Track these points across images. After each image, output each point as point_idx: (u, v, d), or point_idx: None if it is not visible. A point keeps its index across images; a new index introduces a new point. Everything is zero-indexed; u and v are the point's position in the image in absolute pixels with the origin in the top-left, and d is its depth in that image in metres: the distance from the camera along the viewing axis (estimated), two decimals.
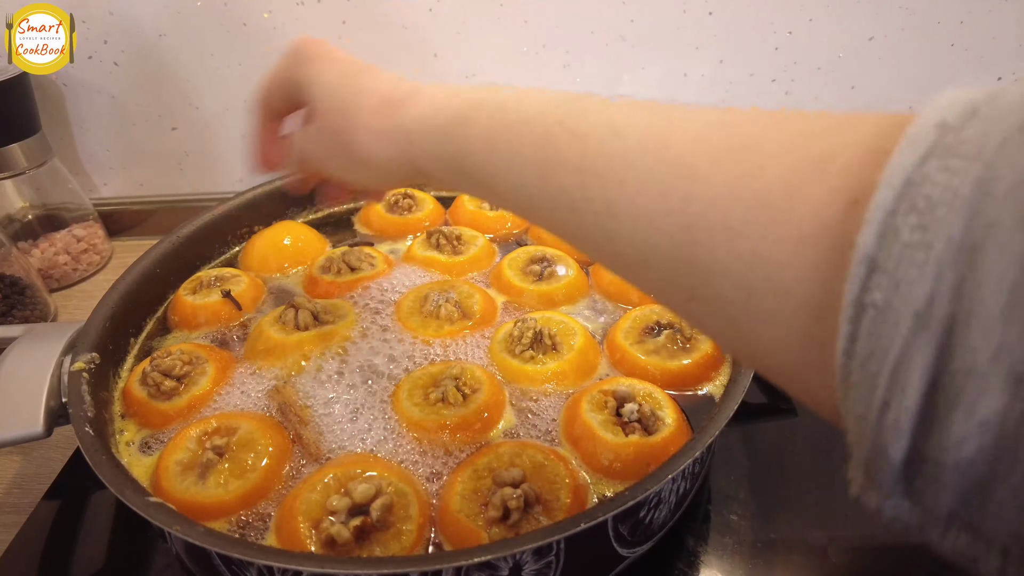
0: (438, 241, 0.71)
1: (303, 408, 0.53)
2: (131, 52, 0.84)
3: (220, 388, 0.55)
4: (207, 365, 0.56)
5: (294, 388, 0.54)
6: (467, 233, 0.73)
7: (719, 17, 0.82)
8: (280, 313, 0.60)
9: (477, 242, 0.72)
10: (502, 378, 0.56)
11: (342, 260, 0.68)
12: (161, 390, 0.53)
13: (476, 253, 0.71)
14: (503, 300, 0.65)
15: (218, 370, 0.56)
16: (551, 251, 0.69)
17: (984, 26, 0.82)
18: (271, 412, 0.52)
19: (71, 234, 0.87)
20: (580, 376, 0.55)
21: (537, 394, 0.54)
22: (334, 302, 0.62)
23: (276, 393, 0.53)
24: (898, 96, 0.87)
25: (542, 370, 0.55)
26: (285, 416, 0.52)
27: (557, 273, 0.66)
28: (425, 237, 0.72)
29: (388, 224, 0.77)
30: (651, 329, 0.58)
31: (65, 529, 0.54)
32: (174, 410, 0.53)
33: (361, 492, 0.42)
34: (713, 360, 0.55)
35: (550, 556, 0.40)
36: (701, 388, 0.54)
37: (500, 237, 0.76)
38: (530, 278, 0.66)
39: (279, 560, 0.37)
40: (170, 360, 0.54)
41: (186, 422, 0.52)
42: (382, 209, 0.78)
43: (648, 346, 0.56)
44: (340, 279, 0.66)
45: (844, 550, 0.50)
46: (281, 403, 0.52)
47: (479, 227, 0.75)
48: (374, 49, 0.84)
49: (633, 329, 0.58)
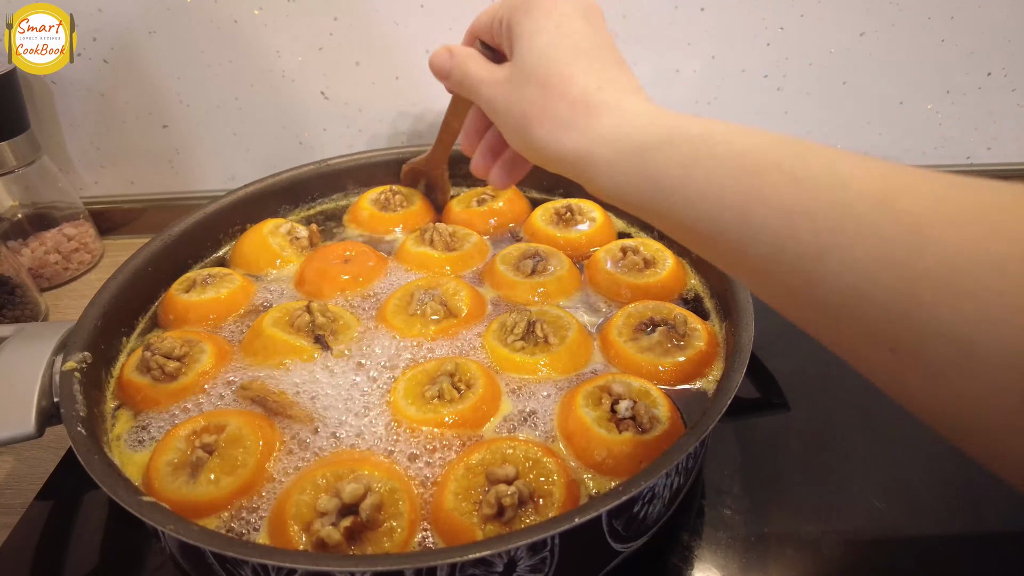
0: (432, 237, 0.71)
1: (279, 394, 0.53)
2: (121, 49, 0.84)
3: (223, 365, 0.56)
4: (204, 344, 0.56)
5: (260, 381, 0.54)
6: (461, 230, 0.73)
7: (711, 13, 0.82)
8: (288, 315, 0.59)
9: (471, 239, 0.72)
10: (494, 366, 0.56)
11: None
12: (166, 372, 0.54)
13: (470, 250, 0.71)
14: (494, 295, 0.66)
15: (215, 348, 0.56)
16: (544, 247, 0.69)
17: (974, 22, 0.82)
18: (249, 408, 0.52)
19: (61, 233, 0.86)
20: (571, 368, 0.56)
21: (532, 387, 0.54)
22: (344, 313, 0.62)
23: (244, 390, 0.53)
24: (889, 92, 0.88)
25: (532, 360, 0.55)
26: (266, 406, 0.52)
27: (549, 268, 0.66)
28: (419, 233, 0.72)
29: (378, 221, 0.77)
30: (645, 326, 0.58)
31: (58, 529, 0.53)
32: (182, 388, 0.53)
33: (350, 492, 0.42)
34: (706, 357, 0.56)
35: (544, 552, 0.40)
36: (694, 383, 0.55)
37: (491, 236, 0.76)
38: (522, 273, 0.66)
39: (273, 558, 0.37)
40: (169, 342, 0.55)
41: (196, 399, 0.53)
42: (372, 206, 0.78)
43: (642, 343, 0.56)
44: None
45: (836, 543, 0.51)
46: (254, 397, 0.52)
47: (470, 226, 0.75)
48: (365, 45, 0.84)
49: (627, 326, 0.58)
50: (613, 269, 0.65)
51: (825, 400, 0.63)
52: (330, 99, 0.88)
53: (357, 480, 0.44)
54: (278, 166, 0.79)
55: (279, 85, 0.87)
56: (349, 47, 0.85)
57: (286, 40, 0.84)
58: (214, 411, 0.52)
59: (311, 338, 0.58)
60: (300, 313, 0.59)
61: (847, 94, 0.88)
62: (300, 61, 0.85)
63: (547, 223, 0.74)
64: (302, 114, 0.89)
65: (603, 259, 0.67)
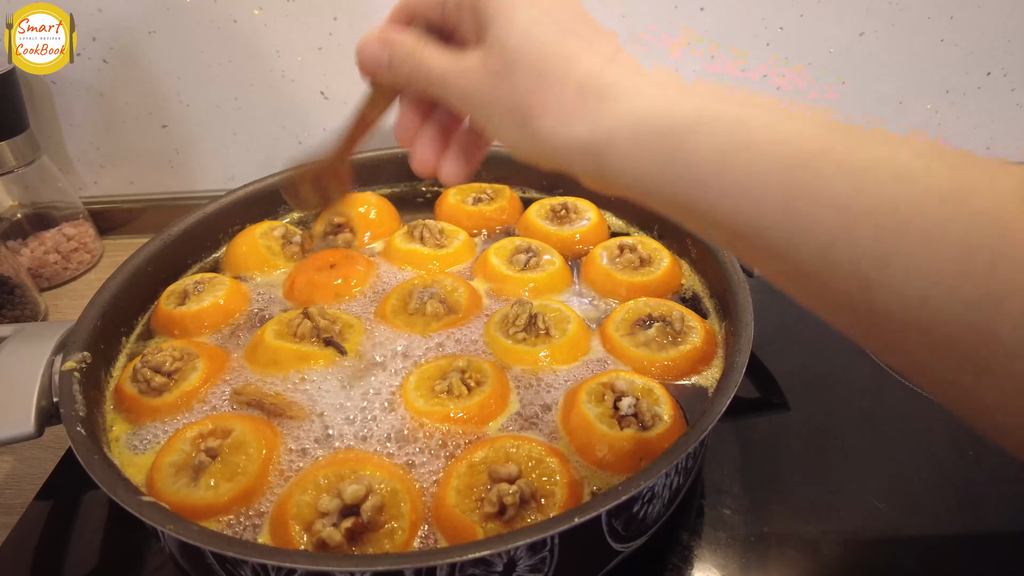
0: (422, 234, 0.71)
1: (275, 395, 0.53)
2: (120, 49, 0.84)
3: (213, 384, 0.55)
4: (198, 361, 0.55)
5: (254, 385, 0.54)
6: (448, 227, 0.73)
7: (711, 13, 0.82)
8: (287, 325, 0.58)
9: (459, 236, 0.72)
10: (495, 358, 0.56)
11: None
12: (152, 386, 0.53)
13: (459, 247, 0.71)
14: (486, 287, 0.66)
15: (209, 366, 0.55)
16: (537, 243, 0.69)
17: (973, 22, 0.82)
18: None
19: (61, 233, 0.86)
20: (571, 361, 0.56)
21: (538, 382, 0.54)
22: (342, 315, 0.61)
23: (239, 395, 0.53)
24: (888, 92, 0.88)
25: (533, 352, 0.56)
26: (263, 409, 0.52)
27: (542, 263, 0.67)
28: (407, 231, 0.72)
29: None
30: (643, 322, 0.58)
31: (58, 529, 0.53)
32: (164, 406, 0.52)
33: (351, 493, 0.42)
34: (702, 354, 0.56)
35: (544, 551, 0.40)
36: (690, 379, 0.55)
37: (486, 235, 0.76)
38: (515, 267, 0.66)
39: (273, 558, 0.37)
40: (160, 356, 0.54)
41: (176, 418, 0.52)
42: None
43: (638, 338, 0.57)
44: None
45: (836, 543, 0.51)
46: (250, 401, 0.52)
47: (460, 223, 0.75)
48: None
49: (625, 321, 0.59)
50: (609, 266, 0.66)
51: (825, 400, 0.63)
52: (330, 99, 0.88)
53: (359, 481, 0.44)
54: (278, 166, 0.79)
55: (279, 85, 0.87)
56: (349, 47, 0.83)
57: (286, 40, 0.84)
58: (221, 415, 0.52)
59: (320, 343, 0.57)
60: (300, 320, 0.58)
61: (847, 94, 0.88)
62: (300, 61, 0.85)
63: (543, 220, 0.74)
64: (302, 114, 0.89)
65: (600, 255, 0.67)
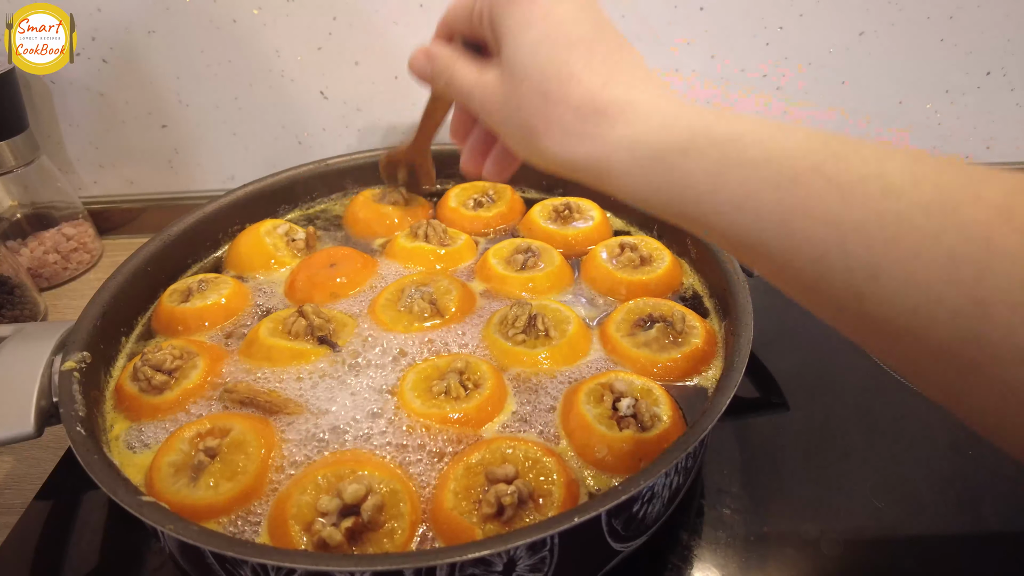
0: (426, 232, 0.71)
1: (269, 392, 0.53)
2: (120, 49, 0.84)
3: (212, 382, 0.55)
4: (198, 359, 0.56)
5: (246, 383, 0.54)
6: (450, 230, 0.73)
7: (710, 12, 0.82)
8: (282, 323, 0.59)
9: (461, 237, 0.73)
10: (494, 359, 0.56)
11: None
12: (152, 384, 0.53)
13: (462, 246, 0.71)
14: (484, 287, 0.66)
15: (209, 364, 0.56)
16: (537, 243, 0.69)
17: (973, 22, 0.82)
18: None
19: (60, 233, 0.86)
20: (570, 362, 0.56)
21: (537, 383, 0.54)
22: (337, 313, 0.61)
23: (230, 394, 0.53)
24: (888, 92, 0.88)
25: (533, 353, 0.56)
26: (258, 406, 0.52)
27: (540, 264, 0.67)
28: (411, 230, 0.72)
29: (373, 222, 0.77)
30: (643, 322, 0.58)
31: (57, 529, 0.53)
32: (165, 404, 0.52)
33: (351, 493, 0.42)
34: (703, 355, 0.56)
35: (544, 551, 0.40)
36: (691, 380, 0.55)
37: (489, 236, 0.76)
38: (513, 267, 0.66)
39: (272, 558, 0.37)
40: (161, 354, 0.54)
41: (176, 416, 0.52)
42: (373, 201, 0.78)
43: (639, 338, 0.57)
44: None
45: (836, 543, 0.51)
46: (243, 399, 0.52)
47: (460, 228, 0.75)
48: (364, 45, 0.84)
49: (626, 321, 0.59)
50: (609, 264, 0.66)
51: (825, 400, 0.63)
52: (329, 99, 0.88)
53: (358, 481, 0.44)
54: (277, 166, 0.79)
55: (278, 85, 0.87)
56: (348, 47, 0.85)
57: (285, 40, 0.84)
58: (220, 414, 0.52)
59: (314, 341, 0.58)
60: (294, 318, 0.58)
61: (847, 94, 0.88)
62: (299, 61, 0.85)
63: (545, 220, 0.74)
64: (301, 114, 0.89)
65: (600, 254, 0.67)
